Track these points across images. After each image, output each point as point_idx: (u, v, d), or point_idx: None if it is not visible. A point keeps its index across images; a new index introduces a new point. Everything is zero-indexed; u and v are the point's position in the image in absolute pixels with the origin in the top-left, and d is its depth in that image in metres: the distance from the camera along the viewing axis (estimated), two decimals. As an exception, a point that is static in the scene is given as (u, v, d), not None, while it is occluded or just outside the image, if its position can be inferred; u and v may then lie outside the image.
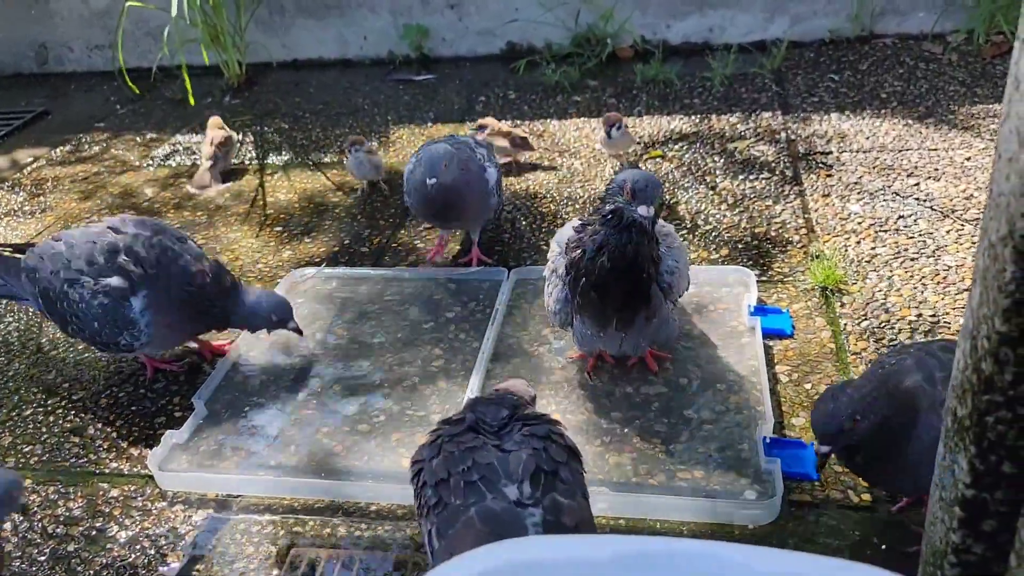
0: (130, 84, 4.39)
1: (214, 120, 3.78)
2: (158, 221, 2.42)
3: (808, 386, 2.21)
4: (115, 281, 2.23)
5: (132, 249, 2.26)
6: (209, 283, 2.30)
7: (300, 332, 2.48)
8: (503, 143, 3.40)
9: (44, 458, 2.27)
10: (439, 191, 2.57)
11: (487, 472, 1.53)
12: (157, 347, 2.41)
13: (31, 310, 2.94)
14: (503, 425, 1.64)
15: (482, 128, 3.42)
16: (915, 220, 2.81)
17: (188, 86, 4.31)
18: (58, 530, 2.03)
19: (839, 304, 2.48)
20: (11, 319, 2.90)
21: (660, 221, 2.19)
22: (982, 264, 1.20)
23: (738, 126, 3.67)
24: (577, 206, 3.20)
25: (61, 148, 4.34)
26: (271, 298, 2.41)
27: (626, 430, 2.13)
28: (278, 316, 2.40)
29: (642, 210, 1.90)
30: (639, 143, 3.54)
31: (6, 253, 2.56)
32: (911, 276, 2.56)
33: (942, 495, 1.35)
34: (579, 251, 2.02)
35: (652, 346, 2.28)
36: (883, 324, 2.38)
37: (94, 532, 2.02)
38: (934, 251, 2.65)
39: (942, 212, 2.83)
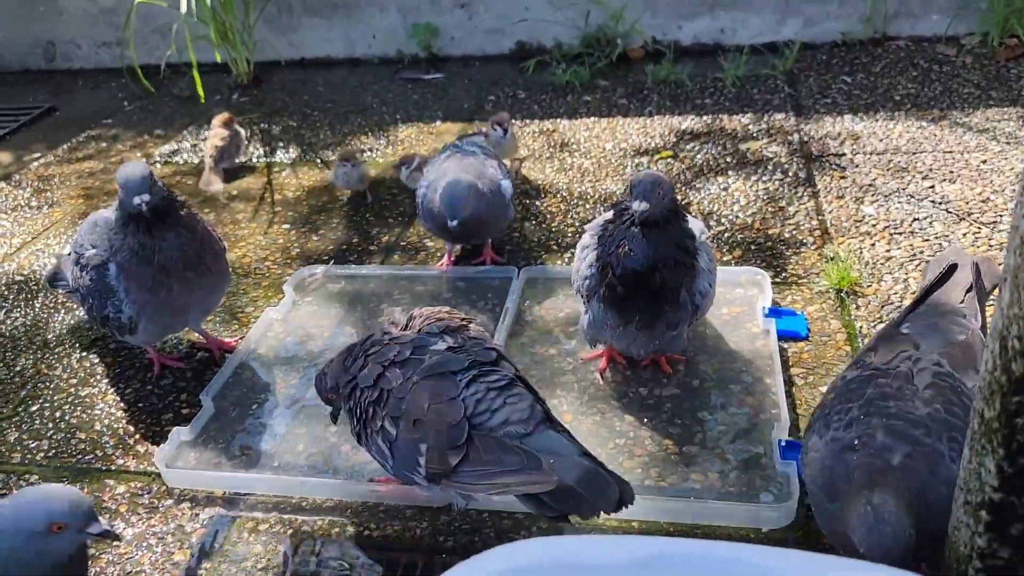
0: (144, 81, 4.38)
1: (219, 117, 3.74)
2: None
3: (824, 389, 2.17)
4: (92, 251, 2.27)
5: (108, 219, 2.27)
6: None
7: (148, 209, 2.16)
8: None
9: (51, 454, 2.25)
10: (460, 228, 2.56)
11: (415, 346, 1.78)
12: (153, 321, 2.30)
13: (37, 306, 2.92)
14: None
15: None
16: (930, 222, 2.78)
17: (198, 83, 4.29)
18: (63, 527, 2.00)
19: (854, 306, 2.45)
20: (18, 315, 2.88)
21: (698, 228, 2.17)
22: (1013, 263, 1.17)
23: (750, 127, 3.64)
24: (588, 205, 3.18)
25: (68, 145, 4.33)
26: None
27: (639, 432, 2.10)
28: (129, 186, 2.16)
29: (635, 204, 1.94)
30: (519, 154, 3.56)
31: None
32: (927, 279, 2.53)
33: (967, 498, 1.32)
34: (602, 247, 2.07)
35: (658, 353, 2.26)
36: (899, 327, 2.35)
37: (100, 529, 1.99)
38: (950, 254, 2.61)
39: (958, 215, 2.80)
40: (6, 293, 3.02)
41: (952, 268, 1.81)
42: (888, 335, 1.72)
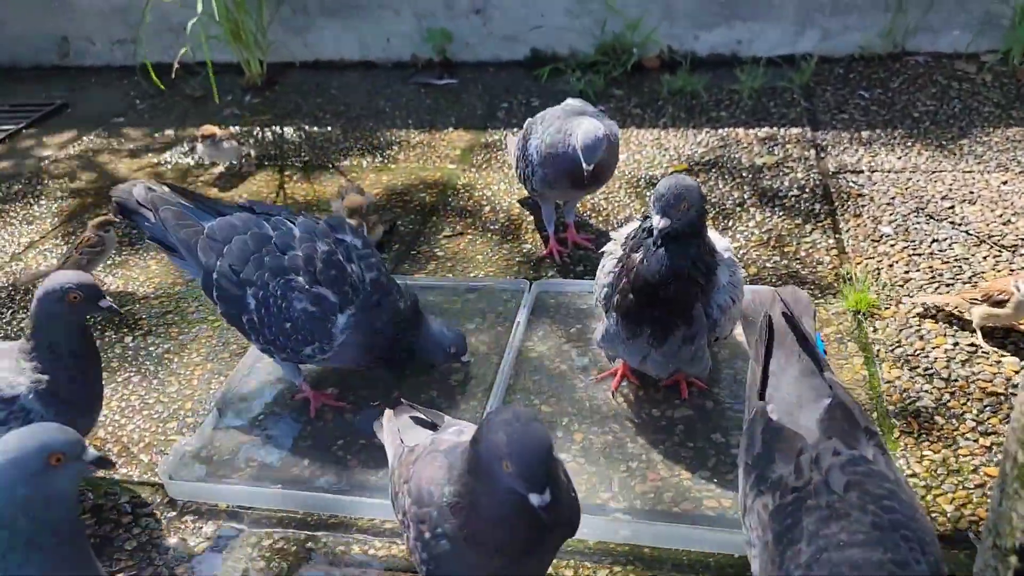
0: (156, 79, 4.35)
1: (204, 129, 3.74)
2: (367, 236, 2.30)
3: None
4: (329, 294, 2.10)
5: (348, 266, 2.14)
6: (407, 318, 2.21)
7: (469, 362, 2.38)
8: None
9: (53, 461, 2.22)
10: (594, 172, 2.60)
11: None
12: (333, 363, 2.27)
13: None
14: None
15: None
16: (950, 244, 2.74)
17: (213, 82, 4.27)
18: (65, 537, 1.97)
19: (871, 329, 2.41)
20: (24, 316, 2.86)
21: (722, 245, 2.10)
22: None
23: (766, 141, 3.60)
24: (601, 217, 3.14)
25: (79, 142, 4.31)
26: (452, 330, 2.29)
27: (651, 456, 2.06)
28: (457, 348, 2.28)
29: (654, 220, 1.88)
30: None
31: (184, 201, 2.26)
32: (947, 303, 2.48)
33: (996, 542, 1.29)
34: (625, 252, 2.02)
35: (679, 373, 2.21)
36: (918, 352, 2.31)
37: (100, 539, 1.96)
38: (970, 277, 2.57)
39: (978, 237, 2.75)
40: (13, 294, 3.00)
41: (769, 321, 1.72)
42: (772, 432, 1.57)
